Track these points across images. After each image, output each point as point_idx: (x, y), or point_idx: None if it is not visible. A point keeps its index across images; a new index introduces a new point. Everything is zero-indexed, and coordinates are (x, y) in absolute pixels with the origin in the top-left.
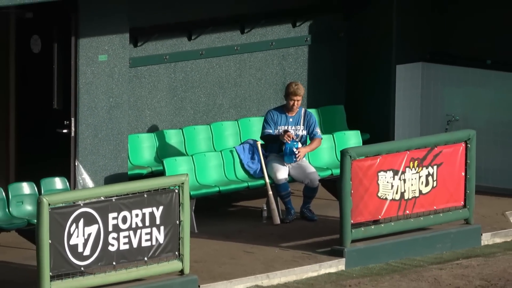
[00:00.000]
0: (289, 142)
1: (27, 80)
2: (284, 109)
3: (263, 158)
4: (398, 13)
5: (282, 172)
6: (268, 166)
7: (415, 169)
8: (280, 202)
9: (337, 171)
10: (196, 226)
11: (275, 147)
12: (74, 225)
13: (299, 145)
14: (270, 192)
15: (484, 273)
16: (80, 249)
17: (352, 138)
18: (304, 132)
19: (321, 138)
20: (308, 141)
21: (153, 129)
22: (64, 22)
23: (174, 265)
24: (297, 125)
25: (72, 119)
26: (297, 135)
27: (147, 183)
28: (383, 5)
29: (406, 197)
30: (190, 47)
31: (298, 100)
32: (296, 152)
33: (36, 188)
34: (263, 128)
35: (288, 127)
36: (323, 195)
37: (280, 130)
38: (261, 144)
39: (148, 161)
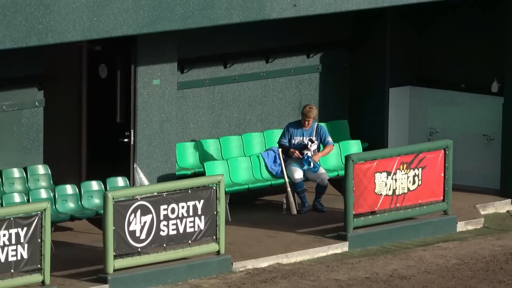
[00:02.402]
0: (296, 157)
1: (96, 99)
2: (300, 123)
3: (283, 162)
4: (391, 47)
5: (298, 173)
6: (287, 168)
7: (404, 171)
8: (296, 197)
9: (342, 173)
10: (230, 216)
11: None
12: (133, 215)
13: (310, 154)
14: (289, 189)
15: (459, 253)
16: (137, 234)
17: (354, 146)
18: (316, 143)
19: (333, 145)
20: (321, 148)
21: (195, 138)
22: (125, 53)
23: (212, 246)
24: (310, 136)
25: (132, 130)
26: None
27: (191, 182)
28: (379, 41)
29: (397, 193)
30: (225, 73)
31: (309, 121)
32: (311, 161)
33: (102, 185)
34: (280, 137)
35: (303, 138)
36: (331, 192)
37: (297, 140)
38: (282, 151)
39: (192, 164)
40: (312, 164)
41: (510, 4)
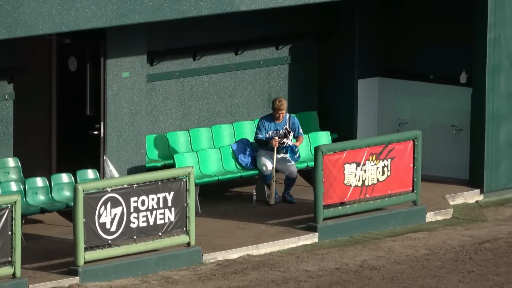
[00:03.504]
0: (276, 146)
1: (66, 92)
2: (272, 117)
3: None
4: (359, 38)
5: (269, 165)
6: (257, 160)
7: (373, 162)
8: (266, 189)
9: (311, 164)
10: (200, 207)
11: (265, 147)
12: (103, 207)
13: (290, 142)
14: (274, 180)
15: (428, 244)
16: (108, 226)
17: (323, 138)
18: (292, 133)
19: (303, 136)
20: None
21: (165, 130)
22: (95, 46)
23: (182, 238)
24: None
25: (101, 123)
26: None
27: (161, 174)
28: (347, 33)
29: (366, 184)
30: (195, 65)
31: (282, 113)
32: (296, 150)
33: (73, 178)
34: (256, 133)
35: (277, 132)
36: (301, 183)
37: (271, 134)
38: (253, 142)
39: (161, 156)
40: (298, 154)
41: None
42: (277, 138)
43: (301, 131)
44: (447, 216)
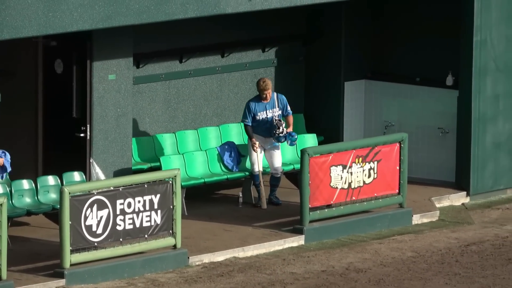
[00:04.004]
0: (256, 151)
1: (52, 94)
2: (260, 98)
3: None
4: (345, 41)
5: (257, 165)
6: (248, 153)
7: (360, 164)
8: (253, 190)
9: (298, 166)
10: (186, 210)
11: (258, 131)
12: (89, 210)
13: (283, 130)
14: (262, 182)
15: (414, 246)
16: (94, 229)
17: (310, 140)
18: (280, 112)
19: (291, 115)
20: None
21: (151, 133)
22: (81, 48)
23: (168, 241)
24: (273, 108)
25: (88, 125)
26: (273, 116)
27: (147, 176)
28: (334, 35)
29: (352, 186)
30: (181, 68)
31: (268, 93)
32: (294, 135)
33: (59, 180)
34: (244, 117)
35: (266, 112)
36: (287, 185)
37: (262, 116)
38: (239, 145)
39: (148, 159)
40: (295, 136)
41: None
42: (257, 143)
43: (289, 109)
44: (433, 219)
